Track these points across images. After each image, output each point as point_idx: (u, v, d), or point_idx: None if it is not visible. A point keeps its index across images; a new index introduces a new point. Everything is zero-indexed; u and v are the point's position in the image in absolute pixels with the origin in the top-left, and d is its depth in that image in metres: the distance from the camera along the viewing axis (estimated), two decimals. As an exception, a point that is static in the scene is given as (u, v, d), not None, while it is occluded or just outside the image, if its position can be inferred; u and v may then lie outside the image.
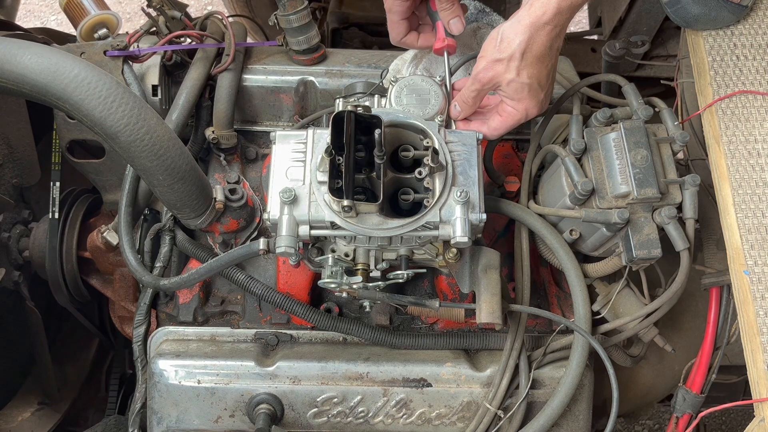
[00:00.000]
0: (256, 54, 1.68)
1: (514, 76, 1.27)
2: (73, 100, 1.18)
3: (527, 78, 1.27)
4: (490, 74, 1.29)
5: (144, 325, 1.51)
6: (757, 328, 1.26)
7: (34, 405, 1.89)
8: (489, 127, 1.36)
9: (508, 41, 1.26)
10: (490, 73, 1.29)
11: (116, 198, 1.59)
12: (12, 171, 1.71)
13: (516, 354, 1.41)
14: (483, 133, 1.35)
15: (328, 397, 1.40)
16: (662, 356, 1.63)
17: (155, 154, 1.23)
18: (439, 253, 1.33)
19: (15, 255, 1.69)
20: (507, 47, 1.26)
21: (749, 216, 1.34)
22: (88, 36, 1.64)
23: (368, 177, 1.25)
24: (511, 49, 1.25)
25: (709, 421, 2.79)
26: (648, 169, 1.30)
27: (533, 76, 1.28)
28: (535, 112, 1.33)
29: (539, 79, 1.29)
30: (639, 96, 1.41)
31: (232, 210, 1.45)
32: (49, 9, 4.32)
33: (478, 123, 1.39)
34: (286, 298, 1.43)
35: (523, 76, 1.27)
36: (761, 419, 1.21)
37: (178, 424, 1.41)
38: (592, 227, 1.35)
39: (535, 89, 1.29)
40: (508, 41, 1.26)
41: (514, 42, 1.25)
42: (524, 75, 1.27)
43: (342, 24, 2.51)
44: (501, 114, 1.34)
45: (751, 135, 1.41)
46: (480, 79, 1.31)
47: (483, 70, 1.30)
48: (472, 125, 1.39)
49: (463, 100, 1.37)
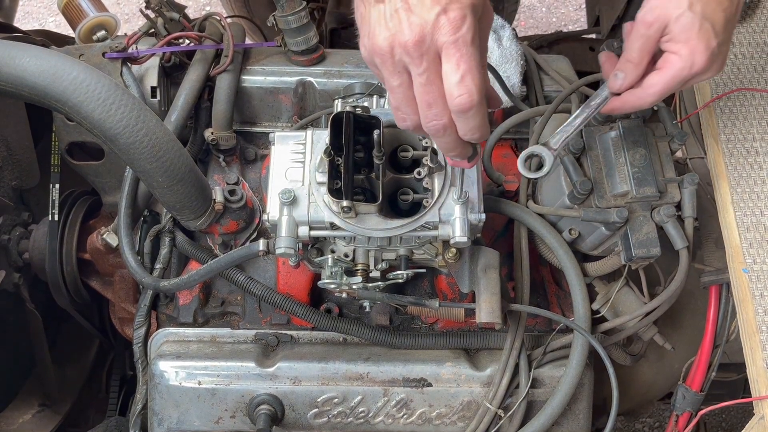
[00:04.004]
0: (254, 55, 1.69)
1: (685, 9, 1.05)
2: (72, 103, 1.18)
3: (699, 12, 1.05)
4: (657, 12, 1.07)
5: (144, 327, 1.51)
6: (756, 325, 1.26)
7: (34, 407, 1.89)
8: (644, 89, 1.12)
9: None
10: (656, 12, 1.07)
11: (116, 200, 1.59)
12: (11, 173, 1.71)
13: (516, 353, 1.41)
14: (637, 102, 1.13)
15: (329, 398, 1.41)
16: (662, 354, 1.63)
17: (154, 156, 1.23)
18: (439, 253, 1.34)
19: (15, 257, 1.69)
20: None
21: (748, 214, 1.34)
22: (87, 38, 1.64)
23: (367, 177, 1.25)
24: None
25: (709, 419, 2.79)
26: (646, 168, 1.30)
27: (707, 14, 1.06)
28: (704, 61, 1.07)
29: (713, 21, 1.06)
30: (637, 95, 1.41)
31: (231, 211, 1.46)
32: (47, 11, 4.31)
33: (629, 92, 1.15)
34: (286, 298, 1.43)
35: (696, 8, 1.05)
36: (761, 417, 1.21)
37: (178, 425, 1.41)
38: (591, 226, 1.35)
39: (706, 30, 1.06)
40: None
41: None
42: (697, 7, 1.05)
43: (340, 24, 2.50)
44: (660, 66, 1.10)
45: (749, 133, 1.41)
46: (645, 21, 1.08)
47: (648, 10, 1.08)
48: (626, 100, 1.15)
49: (627, 59, 1.12)
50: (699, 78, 1.10)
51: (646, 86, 1.12)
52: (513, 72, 1.62)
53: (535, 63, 1.68)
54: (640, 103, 1.14)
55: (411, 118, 1.00)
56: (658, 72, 1.10)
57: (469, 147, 1.05)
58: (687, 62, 1.07)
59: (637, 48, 1.10)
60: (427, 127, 0.99)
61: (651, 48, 1.10)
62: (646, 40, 1.09)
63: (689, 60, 1.07)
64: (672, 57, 1.08)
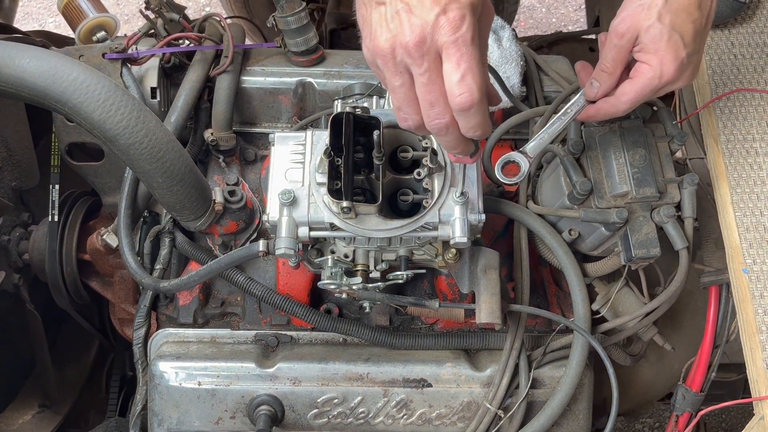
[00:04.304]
0: (254, 55, 1.69)
1: (654, 20, 1.09)
2: (72, 103, 1.18)
3: (668, 24, 1.09)
4: (628, 22, 1.11)
5: (144, 327, 1.51)
6: (756, 326, 1.26)
7: (34, 407, 1.89)
8: (617, 97, 1.16)
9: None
10: (628, 22, 1.11)
11: (115, 200, 1.59)
12: (11, 174, 1.71)
13: (516, 354, 1.41)
14: (610, 109, 1.17)
15: (329, 398, 1.41)
16: (662, 355, 1.63)
17: (154, 157, 1.23)
18: (439, 254, 1.34)
19: (15, 258, 1.69)
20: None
21: (747, 214, 1.34)
22: (87, 39, 1.64)
23: (367, 178, 1.25)
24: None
25: (709, 419, 2.79)
26: (646, 169, 1.30)
27: (676, 26, 1.09)
28: (672, 71, 1.11)
29: (682, 32, 1.10)
30: (637, 95, 1.41)
31: (231, 212, 1.46)
32: (47, 12, 4.31)
33: (603, 101, 1.19)
34: (285, 299, 1.43)
35: (665, 19, 1.09)
36: (761, 417, 1.21)
37: (178, 426, 1.41)
38: (591, 227, 1.35)
39: (675, 41, 1.10)
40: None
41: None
42: (666, 19, 1.09)
43: (340, 25, 2.51)
44: (632, 76, 1.14)
45: (749, 133, 1.41)
46: (618, 31, 1.12)
47: (620, 21, 1.12)
48: (600, 108, 1.19)
49: (601, 68, 1.16)
50: (670, 87, 1.14)
51: (619, 95, 1.15)
52: (513, 72, 1.62)
53: (534, 63, 1.68)
54: (613, 111, 1.18)
55: (413, 118, 1.01)
56: (630, 81, 1.14)
57: (472, 144, 1.07)
58: (656, 72, 1.11)
59: (610, 58, 1.14)
60: (429, 126, 1.00)
61: (624, 57, 1.14)
62: (619, 50, 1.13)
63: (658, 70, 1.11)
64: (643, 67, 1.12)
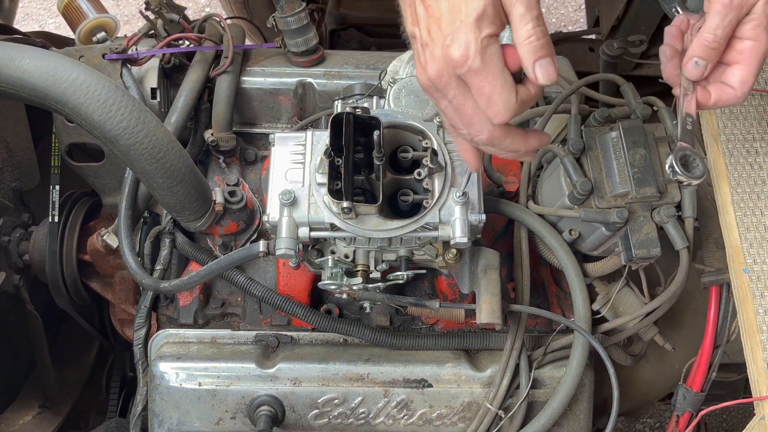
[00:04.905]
0: (254, 56, 1.69)
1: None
2: (72, 104, 1.18)
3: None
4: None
5: (144, 328, 1.51)
6: (756, 326, 1.26)
7: (34, 408, 1.89)
8: (735, 87, 1.01)
9: None
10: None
11: (116, 201, 1.59)
12: (11, 175, 1.71)
13: (516, 354, 1.41)
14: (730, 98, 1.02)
15: (329, 399, 1.40)
16: (662, 355, 1.63)
17: (154, 157, 1.23)
18: (439, 254, 1.34)
19: (15, 258, 1.69)
20: None
21: (748, 214, 1.34)
22: (87, 39, 1.64)
23: (367, 178, 1.25)
24: None
25: (709, 419, 2.79)
26: (647, 169, 1.30)
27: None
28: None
29: None
30: (637, 95, 1.41)
31: (231, 212, 1.46)
32: (47, 12, 4.32)
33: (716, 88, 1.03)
34: (286, 299, 1.43)
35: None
36: (761, 417, 1.21)
37: (179, 427, 1.41)
38: (592, 227, 1.35)
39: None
40: None
41: None
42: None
43: (340, 25, 2.51)
44: (740, 59, 1.00)
45: (749, 133, 1.41)
46: (733, 2, 0.96)
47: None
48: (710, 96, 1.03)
49: (705, 43, 0.99)
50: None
51: (736, 84, 1.01)
52: (513, 72, 1.61)
53: (535, 63, 1.68)
54: (734, 102, 1.04)
55: (462, 134, 1.05)
56: (742, 65, 1.00)
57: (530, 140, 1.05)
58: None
59: (721, 32, 0.98)
60: (474, 143, 1.04)
61: (731, 32, 0.99)
62: (731, 23, 0.98)
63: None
64: (750, 45, 0.99)
